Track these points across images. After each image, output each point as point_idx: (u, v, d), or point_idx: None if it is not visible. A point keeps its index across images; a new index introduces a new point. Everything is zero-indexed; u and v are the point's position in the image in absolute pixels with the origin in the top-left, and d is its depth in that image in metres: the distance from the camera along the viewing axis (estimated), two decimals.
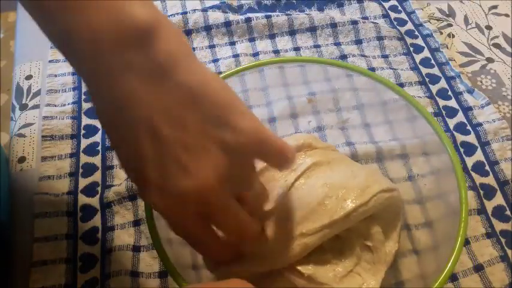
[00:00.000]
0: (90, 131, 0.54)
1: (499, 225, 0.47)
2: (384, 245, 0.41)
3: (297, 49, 0.60)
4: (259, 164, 0.42)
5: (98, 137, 0.53)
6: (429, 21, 0.63)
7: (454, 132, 0.53)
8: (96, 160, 0.51)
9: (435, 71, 0.58)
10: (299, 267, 0.38)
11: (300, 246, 0.38)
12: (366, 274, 0.40)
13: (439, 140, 0.42)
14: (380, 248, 0.40)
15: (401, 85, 0.56)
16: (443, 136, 0.41)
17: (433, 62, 0.59)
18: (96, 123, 0.54)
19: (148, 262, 0.44)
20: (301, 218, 0.39)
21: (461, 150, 0.52)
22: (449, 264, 0.35)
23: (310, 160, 0.42)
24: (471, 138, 0.52)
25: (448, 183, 0.41)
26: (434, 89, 0.56)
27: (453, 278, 0.44)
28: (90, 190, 0.49)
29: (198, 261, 0.43)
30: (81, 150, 0.52)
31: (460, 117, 0.54)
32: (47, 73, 0.58)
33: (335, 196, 0.39)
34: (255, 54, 0.60)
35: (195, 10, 0.63)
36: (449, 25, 0.63)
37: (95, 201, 0.48)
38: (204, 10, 0.62)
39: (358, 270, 0.40)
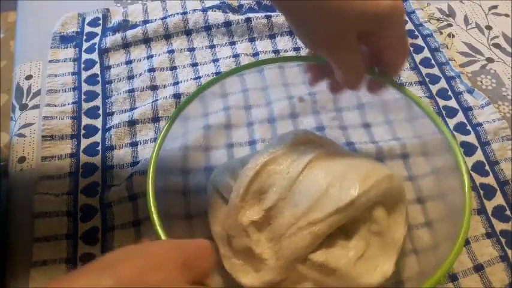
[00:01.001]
0: (90, 131, 0.54)
1: (499, 225, 0.47)
2: (390, 229, 0.41)
3: (296, 49, 0.60)
4: (262, 158, 0.42)
5: (98, 137, 0.53)
6: (429, 21, 0.63)
7: (454, 132, 0.53)
8: (96, 160, 0.51)
9: (435, 71, 0.58)
10: (310, 256, 0.39)
11: (310, 235, 0.39)
12: (378, 259, 0.40)
13: (439, 139, 0.42)
14: (386, 233, 0.41)
15: (401, 85, 0.56)
16: (448, 135, 0.41)
17: (433, 62, 0.59)
18: (96, 123, 0.54)
19: None
20: (307, 208, 0.39)
21: (461, 150, 0.52)
22: (452, 255, 0.35)
23: (310, 152, 0.43)
24: (471, 138, 0.52)
25: (448, 183, 0.41)
26: (434, 89, 0.56)
27: (453, 278, 0.44)
28: (90, 190, 0.49)
29: None
30: (81, 150, 0.52)
31: (460, 117, 0.54)
32: (47, 73, 0.58)
33: (338, 185, 0.40)
34: (255, 54, 0.60)
35: (195, 10, 0.63)
36: (449, 25, 0.63)
37: (95, 201, 0.48)
38: (204, 10, 0.62)
39: (369, 255, 0.40)
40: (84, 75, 0.58)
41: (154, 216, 0.37)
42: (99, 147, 0.52)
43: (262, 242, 0.41)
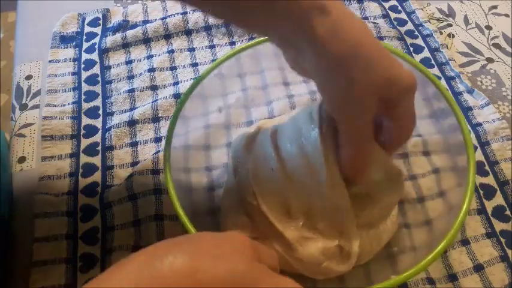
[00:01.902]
0: (90, 131, 0.54)
1: (499, 225, 0.47)
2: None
3: None
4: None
5: (98, 137, 0.53)
6: (429, 21, 0.63)
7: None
8: (96, 160, 0.51)
9: (435, 71, 0.58)
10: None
11: (339, 186, 0.39)
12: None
13: (439, 139, 0.42)
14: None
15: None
16: (465, 129, 0.42)
17: (433, 62, 0.59)
18: (96, 123, 0.54)
19: None
20: (313, 174, 0.40)
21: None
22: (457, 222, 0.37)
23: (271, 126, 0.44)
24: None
25: (448, 181, 0.41)
26: None
27: (453, 278, 0.44)
28: (90, 190, 0.49)
29: None
30: (81, 150, 0.52)
31: None
32: (47, 73, 0.58)
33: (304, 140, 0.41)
34: None
35: (195, 10, 0.63)
36: (449, 25, 0.63)
37: (95, 201, 0.48)
38: (204, 10, 0.62)
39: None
40: (84, 75, 0.58)
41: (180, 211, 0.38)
42: (99, 147, 0.52)
43: (324, 235, 0.40)
